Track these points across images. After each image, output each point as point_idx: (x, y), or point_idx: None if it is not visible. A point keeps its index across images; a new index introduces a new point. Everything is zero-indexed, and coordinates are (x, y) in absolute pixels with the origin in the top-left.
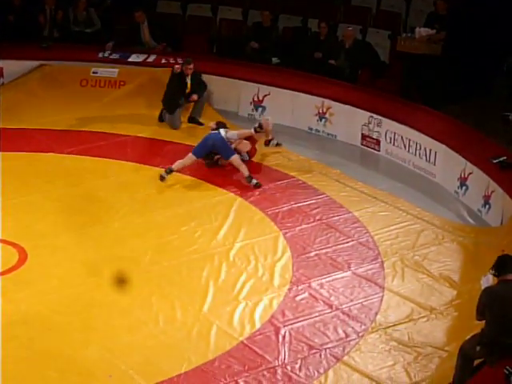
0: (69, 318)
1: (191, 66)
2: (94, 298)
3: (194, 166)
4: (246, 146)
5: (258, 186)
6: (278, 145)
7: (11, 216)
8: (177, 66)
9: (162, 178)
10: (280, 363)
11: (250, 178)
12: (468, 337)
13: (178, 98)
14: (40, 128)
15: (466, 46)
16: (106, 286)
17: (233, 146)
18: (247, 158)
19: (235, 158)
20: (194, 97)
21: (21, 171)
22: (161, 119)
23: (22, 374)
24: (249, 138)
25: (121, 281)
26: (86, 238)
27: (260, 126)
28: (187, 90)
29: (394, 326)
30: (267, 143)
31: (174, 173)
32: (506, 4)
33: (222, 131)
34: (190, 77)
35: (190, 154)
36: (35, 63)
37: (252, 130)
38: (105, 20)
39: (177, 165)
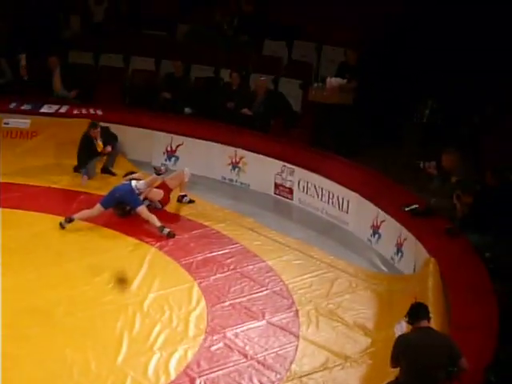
0: None
1: (97, 130)
2: (7, 350)
3: (107, 216)
4: (157, 195)
5: (170, 235)
6: (190, 202)
7: None
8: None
9: (61, 226)
10: None
11: (161, 227)
12: None
13: (90, 157)
14: None
15: (376, 95)
16: (19, 338)
17: (143, 195)
18: (159, 207)
19: (143, 210)
20: (108, 148)
21: None
22: (76, 169)
23: None
24: (161, 186)
25: (121, 281)
26: None
27: (159, 172)
28: (99, 150)
29: (309, 374)
30: (180, 199)
31: (86, 223)
32: (414, 52)
33: (133, 182)
34: (98, 137)
35: (98, 205)
36: None
37: (154, 175)
38: (16, 71)
39: (81, 214)
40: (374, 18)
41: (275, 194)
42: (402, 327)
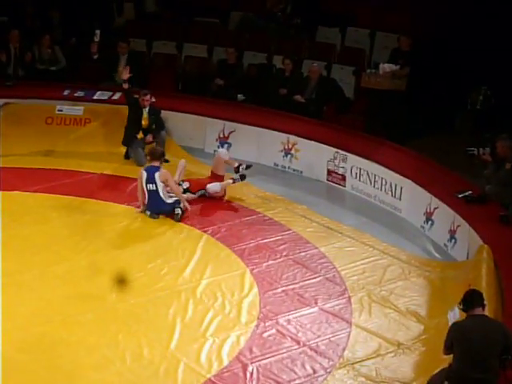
0: (34, 356)
1: (147, 98)
2: (60, 336)
3: None
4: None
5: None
6: (248, 167)
7: None
8: (125, 85)
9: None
10: None
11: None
12: (436, 371)
13: (135, 130)
14: (4, 166)
15: (429, 81)
16: (72, 324)
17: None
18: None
19: (185, 206)
20: (149, 138)
21: None
22: (127, 156)
23: None
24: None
25: (121, 281)
26: (51, 275)
27: (242, 177)
28: (143, 122)
29: (362, 361)
30: (237, 170)
31: (139, 210)
32: (468, 39)
33: (160, 190)
34: (147, 110)
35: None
36: (0, 101)
37: (230, 181)
38: (70, 58)
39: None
40: (426, 3)
41: (328, 180)
42: (455, 314)
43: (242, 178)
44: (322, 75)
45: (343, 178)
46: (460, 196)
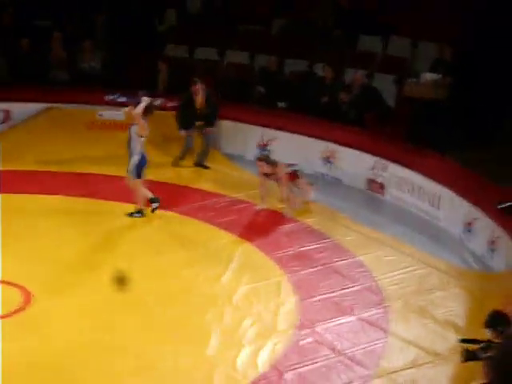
0: (73, 359)
1: (197, 87)
2: (99, 340)
3: (200, 209)
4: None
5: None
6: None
7: (16, 259)
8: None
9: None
10: None
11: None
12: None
13: (191, 116)
14: (47, 170)
15: (472, 90)
16: (109, 329)
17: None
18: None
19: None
20: (209, 130)
21: (27, 213)
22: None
23: None
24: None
25: (120, 280)
26: (90, 280)
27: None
28: (197, 107)
29: (399, 371)
30: None
31: (179, 216)
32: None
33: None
34: (199, 95)
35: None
36: (42, 106)
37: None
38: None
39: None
40: (469, 13)
41: (367, 189)
42: None
43: None
44: (364, 83)
45: (383, 186)
46: (500, 207)
